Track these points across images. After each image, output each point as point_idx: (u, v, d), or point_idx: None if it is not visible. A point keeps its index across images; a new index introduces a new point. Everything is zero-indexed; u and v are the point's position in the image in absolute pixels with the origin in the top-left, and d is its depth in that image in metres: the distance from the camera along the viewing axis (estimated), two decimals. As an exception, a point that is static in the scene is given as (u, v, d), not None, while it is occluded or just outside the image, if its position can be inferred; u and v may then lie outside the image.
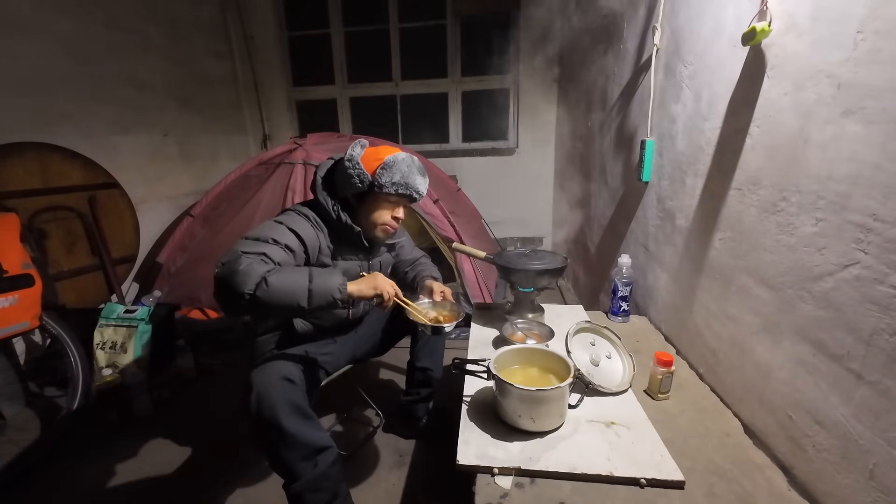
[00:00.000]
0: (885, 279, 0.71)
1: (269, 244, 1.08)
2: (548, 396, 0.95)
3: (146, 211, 2.66)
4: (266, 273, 0.98)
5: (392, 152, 1.21)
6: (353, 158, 1.18)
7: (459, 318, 1.22)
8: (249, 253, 1.02)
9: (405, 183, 1.18)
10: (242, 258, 0.99)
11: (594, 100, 2.44)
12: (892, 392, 0.70)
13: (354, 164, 1.17)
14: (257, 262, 1.00)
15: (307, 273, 1.03)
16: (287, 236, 1.13)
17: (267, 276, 0.97)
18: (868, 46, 0.74)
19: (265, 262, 1.03)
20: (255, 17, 3.61)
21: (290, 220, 1.18)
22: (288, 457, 1.05)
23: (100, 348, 1.91)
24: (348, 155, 1.19)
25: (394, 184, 1.17)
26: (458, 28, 3.59)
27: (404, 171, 1.18)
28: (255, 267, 0.98)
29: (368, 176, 1.17)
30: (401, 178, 1.18)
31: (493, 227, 3.39)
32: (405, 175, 1.18)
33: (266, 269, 0.99)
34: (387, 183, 1.17)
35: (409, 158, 1.21)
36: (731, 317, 1.14)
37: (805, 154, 0.88)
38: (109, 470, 1.55)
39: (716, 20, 1.20)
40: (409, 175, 1.19)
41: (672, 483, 0.86)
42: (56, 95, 2.17)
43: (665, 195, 1.53)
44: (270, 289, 0.97)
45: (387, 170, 1.17)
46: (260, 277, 0.97)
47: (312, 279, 1.01)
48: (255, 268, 0.98)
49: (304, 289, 1.00)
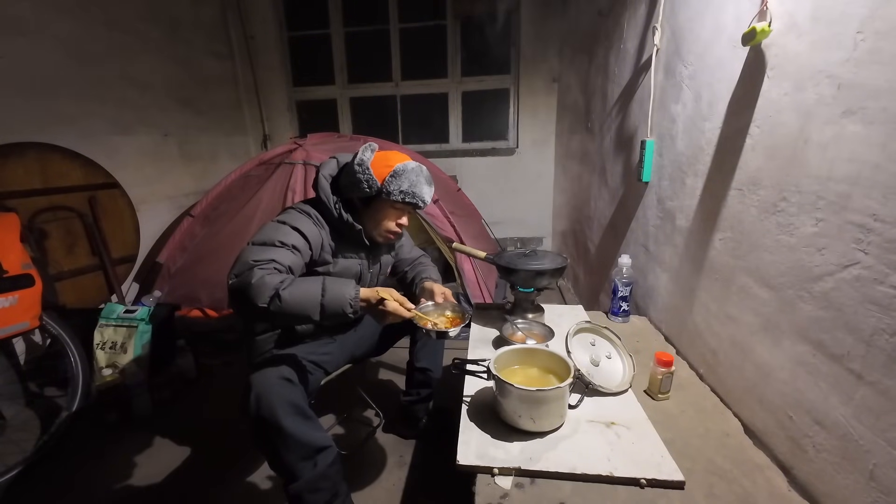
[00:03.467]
0: (885, 279, 0.71)
1: (277, 247, 1.09)
2: (548, 396, 0.95)
3: (146, 211, 2.66)
4: (279, 286, 0.98)
5: (402, 159, 1.21)
6: (364, 163, 1.18)
7: (465, 321, 1.21)
8: (260, 261, 1.03)
9: (413, 192, 1.19)
10: (255, 270, 1.00)
11: (594, 100, 2.45)
12: (892, 392, 0.70)
13: (364, 169, 1.17)
14: (269, 272, 1.01)
15: (321, 284, 1.03)
16: (291, 236, 1.13)
17: (280, 291, 0.98)
18: (868, 47, 0.74)
19: (277, 269, 1.04)
20: (255, 17, 3.61)
21: (292, 218, 1.18)
22: (287, 457, 1.05)
23: (100, 348, 1.91)
24: (359, 159, 1.19)
25: (402, 192, 1.18)
26: (458, 28, 3.59)
27: (413, 180, 1.18)
28: (267, 280, 0.99)
29: (377, 182, 1.17)
30: (409, 187, 1.18)
31: (493, 227, 3.39)
32: (413, 184, 1.18)
33: (279, 281, 0.99)
34: (395, 191, 1.17)
35: (419, 168, 1.21)
36: (731, 317, 1.14)
37: (805, 154, 0.88)
38: (109, 470, 1.55)
39: (716, 20, 1.20)
40: (418, 184, 1.19)
41: (672, 483, 0.85)
42: (56, 95, 2.17)
43: (665, 195, 1.53)
44: (284, 303, 0.98)
45: (396, 178, 1.17)
46: (273, 291, 0.98)
47: (325, 291, 1.02)
48: (268, 281, 0.99)
49: (318, 302, 1.01)
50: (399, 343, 1.58)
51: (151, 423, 1.79)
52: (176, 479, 1.51)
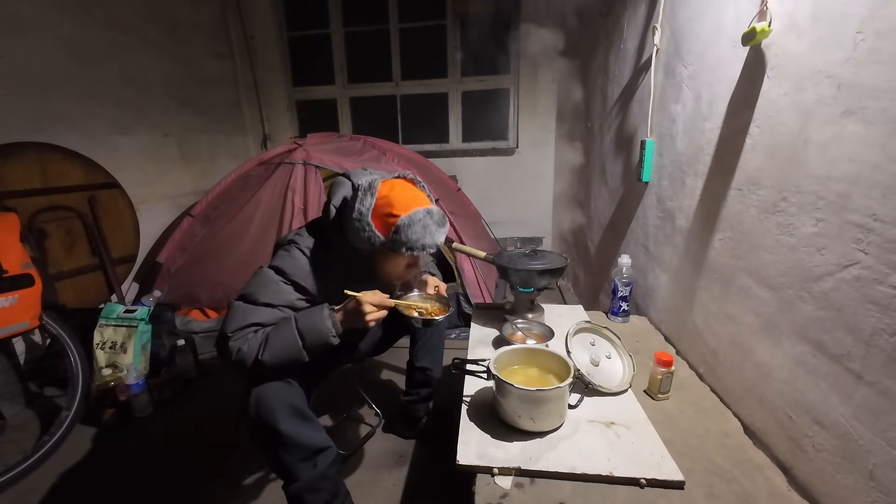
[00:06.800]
0: (885, 279, 0.71)
1: (260, 308, 1.05)
2: (548, 396, 0.95)
3: (146, 211, 2.66)
4: (258, 354, 1.00)
5: (406, 206, 1.04)
6: (363, 218, 1.04)
7: (449, 311, 1.21)
8: (237, 330, 1.01)
9: (423, 245, 1.05)
10: (230, 345, 1.00)
11: (594, 100, 2.45)
12: (892, 392, 0.70)
13: (364, 225, 1.04)
14: (244, 341, 1.01)
15: (295, 332, 1.01)
16: (282, 294, 1.07)
17: (261, 357, 0.99)
18: (868, 47, 0.74)
19: (256, 332, 1.03)
20: (255, 17, 3.61)
21: (291, 266, 1.09)
22: (287, 458, 1.05)
23: (100, 348, 1.91)
24: (357, 212, 1.05)
25: (409, 248, 1.04)
26: (458, 28, 3.59)
27: (419, 232, 1.03)
28: (244, 352, 1.00)
29: (380, 237, 1.05)
30: (417, 240, 1.03)
31: (493, 227, 3.38)
32: (421, 237, 1.04)
33: (256, 347, 1.00)
34: (401, 247, 1.04)
35: (427, 216, 1.04)
36: (731, 317, 1.14)
37: (805, 154, 0.88)
38: (109, 470, 1.55)
39: (716, 20, 1.20)
40: (426, 236, 1.04)
41: (672, 483, 0.86)
42: (56, 95, 2.17)
43: (665, 195, 1.53)
44: (268, 364, 1.00)
45: (401, 233, 1.03)
46: (253, 359, 1.00)
47: (303, 338, 1.01)
48: (245, 352, 1.00)
49: (300, 350, 1.02)
50: (399, 343, 1.58)
51: (151, 423, 1.79)
52: (175, 479, 1.51)
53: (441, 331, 1.61)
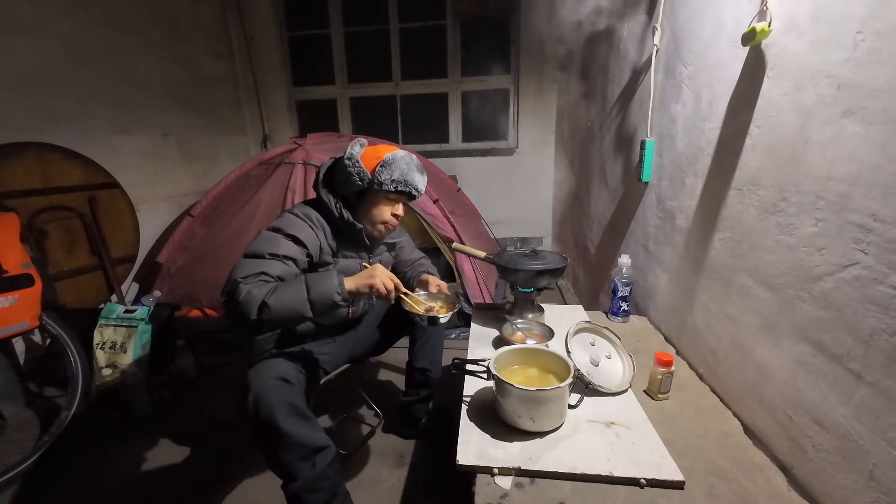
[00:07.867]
0: (885, 279, 0.71)
1: (267, 260, 1.10)
2: (548, 396, 0.95)
3: (146, 211, 2.66)
4: (266, 297, 1.01)
5: (391, 150, 1.22)
6: (353, 157, 1.19)
7: (455, 309, 1.23)
8: (248, 276, 1.05)
9: (404, 180, 1.20)
10: (240, 287, 1.03)
11: (594, 100, 2.44)
12: (892, 392, 0.70)
13: (354, 163, 1.19)
14: (255, 286, 1.03)
15: (303, 284, 1.05)
16: (284, 246, 1.14)
17: (267, 301, 1.01)
18: (868, 47, 0.74)
19: (265, 281, 1.06)
20: (255, 17, 3.61)
21: (288, 224, 1.18)
22: (286, 457, 1.05)
23: (100, 348, 1.90)
24: (348, 153, 1.20)
25: (393, 181, 1.19)
26: (458, 28, 3.59)
27: (403, 168, 1.20)
28: (253, 294, 1.01)
29: (368, 174, 1.19)
30: (400, 176, 1.19)
31: (493, 227, 3.39)
32: (404, 172, 1.20)
33: (265, 292, 1.02)
34: (386, 180, 1.19)
35: (408, 156, 1.22)
36: (731, 317, 1.14)
37: (805, 154, 0.88)
38: (109, 470, 1.55)
39: (716, 20, 1.20)
40: (409, 172, 1.21)
41: (672, 483, 0.85)
42: (56, 95, 2.17)
43: (665, 195, 1.53)
44: (273, 310, 1.02)
45: (386, 167, 1.19)
46: (260, 303, 1.01)
47: (310, 289, 1.04)
48: (254, 294, 1.01)
49: (304, 301, 1.04)
50: (399, 343, 1.58)
51: (151, 423, 1.79)
52: (175, 479, 1.51)
53: (440, 332, 1.61)
